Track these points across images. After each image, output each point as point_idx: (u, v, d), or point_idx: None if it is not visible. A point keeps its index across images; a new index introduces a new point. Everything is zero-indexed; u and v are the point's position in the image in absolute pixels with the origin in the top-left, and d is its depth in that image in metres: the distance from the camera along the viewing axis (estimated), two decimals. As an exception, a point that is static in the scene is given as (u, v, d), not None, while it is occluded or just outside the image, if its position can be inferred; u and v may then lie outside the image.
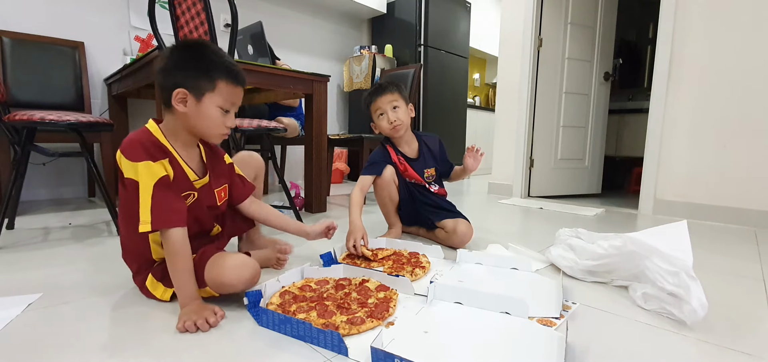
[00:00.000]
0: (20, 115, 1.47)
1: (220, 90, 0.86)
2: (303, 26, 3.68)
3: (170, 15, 1.44)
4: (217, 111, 0.87)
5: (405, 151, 1.51)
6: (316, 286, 0.99)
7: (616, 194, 3.21)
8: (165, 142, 0.87)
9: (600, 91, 3.05)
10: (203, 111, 0.86)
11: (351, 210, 1.34)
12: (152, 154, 0.83)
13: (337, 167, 3.64)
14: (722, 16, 2.04)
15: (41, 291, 0.98)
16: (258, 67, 1.75)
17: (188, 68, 0.84)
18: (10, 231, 1.61)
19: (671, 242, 0.93)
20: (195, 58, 0.85)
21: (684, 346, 0.77)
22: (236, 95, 0.90)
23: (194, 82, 0.84)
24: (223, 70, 0.86)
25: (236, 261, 0.87)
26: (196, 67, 0.84)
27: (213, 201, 0.98)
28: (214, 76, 0.85)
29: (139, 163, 0.80)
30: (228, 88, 0.87)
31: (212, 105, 0.86)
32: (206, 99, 0.85)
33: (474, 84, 5.72)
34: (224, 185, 1.02)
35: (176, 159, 0.88)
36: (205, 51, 0.86)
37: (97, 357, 0.70)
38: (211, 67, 0.85)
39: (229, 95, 0.87)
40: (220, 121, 0.88)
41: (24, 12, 2.27)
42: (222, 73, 0.85)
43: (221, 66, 0.86)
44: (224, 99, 0.87)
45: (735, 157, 2.04)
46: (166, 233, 0.81)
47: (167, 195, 0.82)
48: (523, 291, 1.02)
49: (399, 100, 1.42)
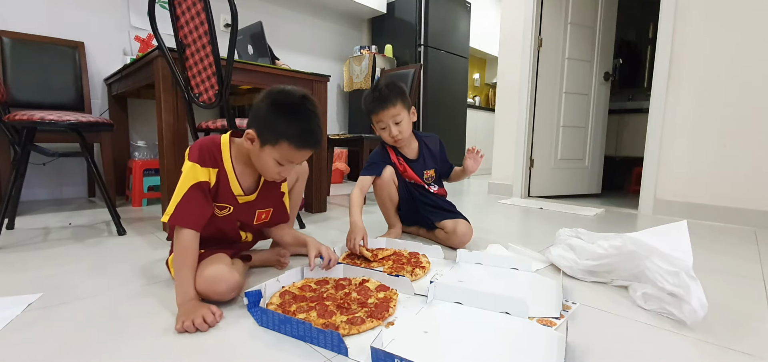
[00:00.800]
0: (20, 115, 1.47)
1: (280, 148, 0.92)
2: (303, 26, 3.68)
3: (170, 15, 1.43)
4: (273, 162, 0.94)
5: (405, 152, 1.51)
6: (316, 286, 0.99)
7: (616, 194, 3.21)
8: (226, 154, 0.96)
9: (600, 91, 3.05)
10: (262, 156, 0.94)
11: (351, 210, 1.34)
12: (205, 159, 0.92)
13: (337, 167, 3.64)
14: (722, 16, 2.04)
15: (41, 291, 0.98)
16: (258, 67, 1.75)
17: (266, 119, 0.91)
18: (10, 231, 1.61)
19: (671, 242, 0.93)
20: (275, 115, 0.91)
21: (684, 346, 0.77)
22: (297, 157, 0.95)
23: (263, 132, 0.91)
24: (292, 136, 0.91)
25: (211, 273, 0.88)
26: (272, 122, 0.91)
27: (250, 219, 1.05)
28: (280, 138, 0.91)
29: (190, 162, 0.90)
30: (290, 150, 0.92)
31: (270, 157, 0.93)
32: (267, 149, 0.92)
33: (474, 84, 5.72)
34: (269, 209, 1.09)
35: (226, 172, 0.96)
36: (286, 111, 0.91)
37: (97, 358, 0.69)
38: (281, 129, 0.91)
39: (289, 156, 0.93)
40: (275, 170, 0.96)
41: (24, 12, 2.27)
42: (289, 138, 0.91)
43: (291, 131, 0.91)
44: (282, 156, 0.93)
45: (735, 157, 2.04)
46: (179, 230, 0.88)
47: (198, 198, 0.90)
48: (523, 291, 1.02)
49: (401, 111, 1.37)
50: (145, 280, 1.07)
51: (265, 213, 1.09)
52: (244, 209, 1.03)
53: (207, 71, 1.40)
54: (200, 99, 1.46)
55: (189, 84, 1.48)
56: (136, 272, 1.14)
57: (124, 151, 2.56)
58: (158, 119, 1.57)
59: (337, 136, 2.68)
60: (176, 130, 1.57)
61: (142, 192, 2.28)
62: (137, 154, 2.46)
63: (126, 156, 2.56)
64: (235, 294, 0.91)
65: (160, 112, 1.55)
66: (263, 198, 1.06)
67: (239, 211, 1.02)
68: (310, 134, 0.93)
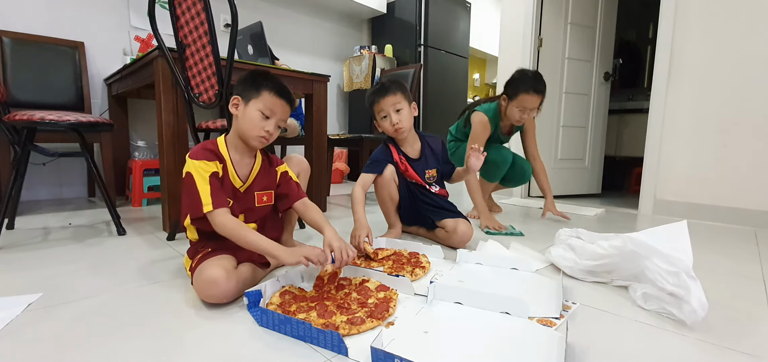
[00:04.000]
0: (20, 115, 1.47)
1: (263, 97, 1.03)
2: (303, 26, 3.68)
3: (170, 15, 1.43)
4: (258, 115, 1.02)
5: (407, 151, 1.51)
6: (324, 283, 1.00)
7: (616, 194, 3.21)
8: (223, 148, 1.05)
9: (600, 91, 3.05)
10: (247, 113, 1.03)
11: (355, 208, 1.35)
12: (208, 156, 1.01)
13: (337, 167, 3.64)
14: (722, 16, 2.04)
15: (41, 291, 0.98)
16: (258, 67, 1.75)
17: (248, 81, 1.05)
18: (10, 231, 1.61)
19: (671, 242, 0.93)
20: (254, 76, 1.06)
21: (684, 346, 0.77)
22: (278, 106, 1.04)
23: (247, 90, 1.04)
24: (271, 86, 1.04)
25: (208, 276, 0.89)
26: (253, 81, 1.05)
27: (251, 202, 1.10)
28: (261, 88, 1.03)
29: (198, 160, 0.98)
30: (271, 98, 1.03)
31: (254, 109, 1.02)
32: (251, 103, 1.03)
33: (474, 84, 5.72)
34: (269, 191, 1.14)
35: (228, 166, 1.04)
36: (263, 73, 1.07)
37: (97, 358, 0.69)
38: (261, 82, 1.04)
39: (271, 104, 1.03)
40: (260, 124, 1.03)
41: (24, 12, 2.27)
42: (269, 87, 1.03)
43: (270, 83, 1.04)
44: (265, 105, 1.03)
45: (735, 157, 2.04)
46: (219, 215, 0.95)
47: (217, 186, 0.99)
48: (523, 291, 1.02)
49: (402, 101, 1.42)
50: (145, 280, 1.07)
51: (266, 195, 1.13)
52: (243, 197, 1.08)
53: (207, 71, 1.40)
54: (200, 99, 1.46)
55: (189, 84, 1.48)
56: (136, 272, 1.14)
57: (124, 151, 2.56)
58: (158, 119, 1.57)
59: (337, 136, 2.68)
60: (176, 130, 1.57)
61: (142, 193, 2.28)
62: (137, 154, 2.46)
63: (126, 156, 2.56)
64: (227, 300, 0.90)
65: (160, 112, 1.55)
66: (260, 180, 1.11)
67: (239, 201, 1.06)
68: (284, 88, 1.05)
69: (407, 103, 1.44)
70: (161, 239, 1.51)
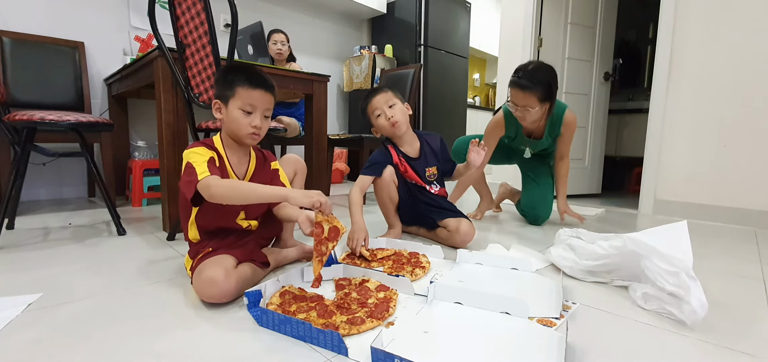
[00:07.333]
0: (20, 115, 1.47)
1: (238, 95, 1.00)
2: (303, 26, 3.68)
3: (170, 15, 1.43)
4: (240, 113, 1.00)
5: (406, 150, 1.51)
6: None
7: (616, 194, 3.21)
8: (219, 146, 1.05)
9: (600, 91, 3.04)
10: (230, 114, 1.01)
11: (352, 210, 1.35)
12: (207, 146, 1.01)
13: (337, 167, 3.64)
14: (722, 16, 2.04)
15: (41, 291, 0.98)
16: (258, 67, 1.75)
17: (220, 82, 1.03)
18: (10, 231, 1.61)
19: (671, 242, 0.93)
20: (225, 74, 1.03)
21: (684, 346, 0.77)
22: (256, 98, 1.01)
23: (222, 93, 1.02)
24: (242, 80, 1.00)
25: (208, 276, 0.89)
26: (224, 80, 1.02)
27: None
28: (233, 84, 1.00)
29: (197, 147, 0.99)
30: (245, 91, 1.00)
31: (235, 108, 1.00)
32: (230, 103, 1.01)
33: (474, 84, 5.72)
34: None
35: (224, 161, 1.04)
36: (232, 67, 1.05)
37: (97, 358, 0.69)
38: (232, 79, 1.00)
39: (248, 98, 1.00)
40: (245, 122, 1.01)
41: (24, 12, 2.27)
42: (241, 82, 1.00)
43: (241, 76, 1.00)
44: (243, 101, 1.00)
45: (735, 157, 2.04)
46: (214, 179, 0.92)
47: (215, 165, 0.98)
48: (523, 291, 1.02)
49: (393, 98, 1.45)
50: (144, 280, 1.07)
51: None
52: None
53: (207, 71, 1.40)
54: (200, 99, 1.46)
55: (189, 84, 1.48)
56: (136, 272, 1.14)
57: (124, 151, 2.56)
58: (158, 119, 1.57)
59: (337, 136, 2.68)
60: (176, 130, 1.57)
61: (142, 193, 2.28)
62: (137, 154, 2.46)
63: (126, 156, 2.56)
64: (226, 300, 0.90)
65: (160, 112, 1.55)
66: (257, 177, 1.11)
67: None
68: (256, 74, 1.02)
69: (399, 101, 1.46)
70: (161, 239, 1.51)
